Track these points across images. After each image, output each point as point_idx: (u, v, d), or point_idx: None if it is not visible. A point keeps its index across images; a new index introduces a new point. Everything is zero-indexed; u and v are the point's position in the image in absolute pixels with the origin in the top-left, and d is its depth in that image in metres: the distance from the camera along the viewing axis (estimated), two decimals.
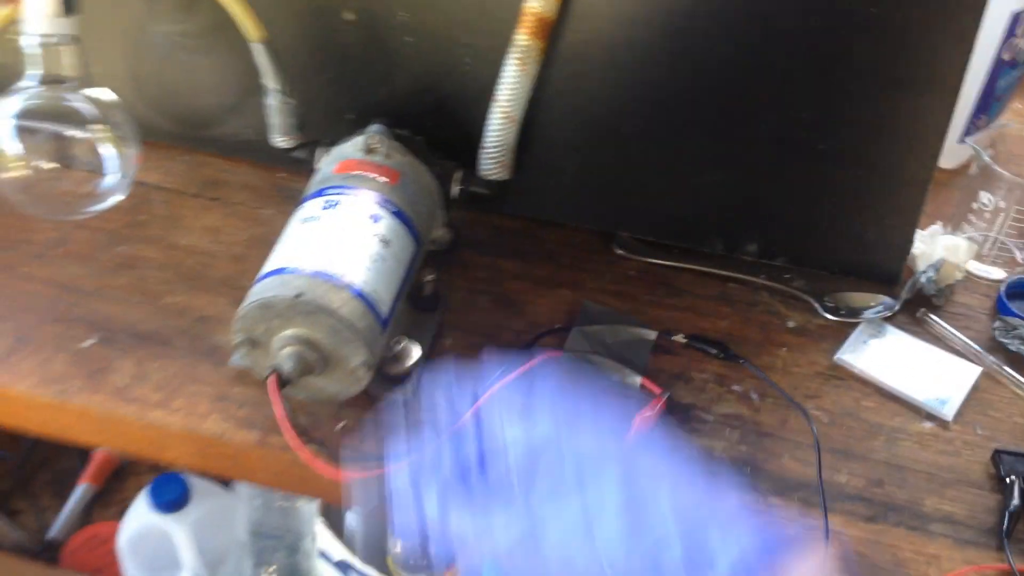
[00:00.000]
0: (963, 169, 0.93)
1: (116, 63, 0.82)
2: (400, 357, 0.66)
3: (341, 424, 0.65)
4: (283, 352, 0.61)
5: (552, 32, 0.69)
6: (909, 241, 0.79)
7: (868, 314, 0.77)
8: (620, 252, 0.82)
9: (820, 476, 0.65)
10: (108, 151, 0.75)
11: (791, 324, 0.77)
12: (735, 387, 0.72)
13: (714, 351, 0.73)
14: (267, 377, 0.61)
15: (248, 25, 0.70)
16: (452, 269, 0.78)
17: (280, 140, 0.76)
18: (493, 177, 0.75)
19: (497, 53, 0.75)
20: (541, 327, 0.75)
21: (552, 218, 0.84)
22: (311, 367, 0.61)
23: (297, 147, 0.76)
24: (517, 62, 0.69)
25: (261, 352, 0.63)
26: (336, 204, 0.65)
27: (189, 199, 0.82)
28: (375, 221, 0.65)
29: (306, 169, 0.77)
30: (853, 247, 0.80)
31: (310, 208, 0.66)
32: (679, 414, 0.69)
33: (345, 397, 0.64)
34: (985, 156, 0.77)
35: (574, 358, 0.72)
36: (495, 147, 0.73)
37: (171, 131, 0.86)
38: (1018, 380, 0.73)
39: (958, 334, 0.77)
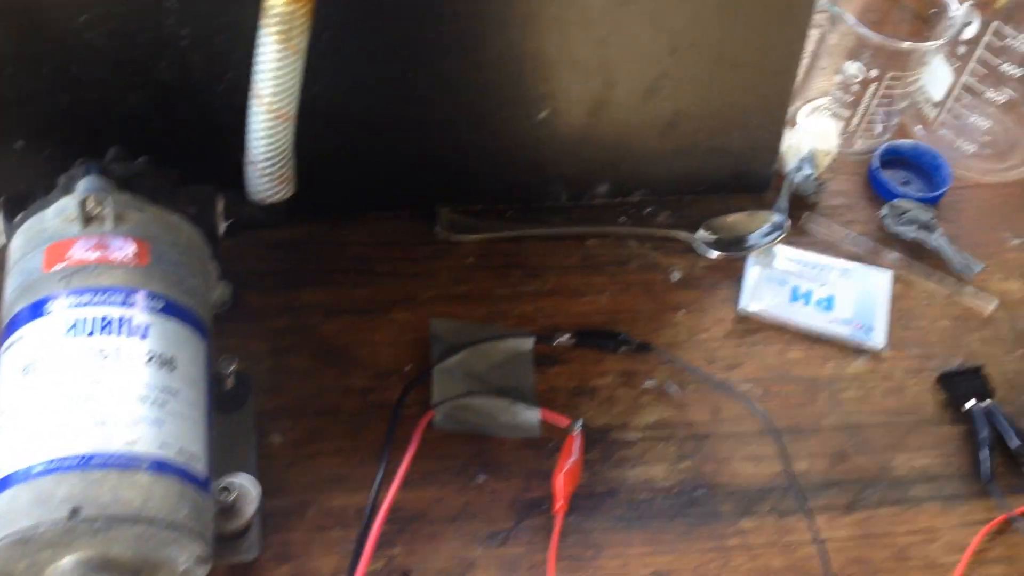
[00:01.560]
0: None
1: None
2: (235, 509, 0.49)
3: None
4: None
5: None
6: (777, 139, 0.70)
7: (756, 240, 0.68)
8: (447, 235, 0.66)
9: (791, 476, 0.57)
10: None
11: (676, 276, 0.67)
12: (647, 383, 0.61)
13: (611, 345, 0.62)
14: None
15: None
16: (238, 329, 0.59)
17: None
18: (272, 199, 0.56)
19: (228, 15, 0.54)
20: (387, 374, 0.59)
21: (344, 212, 0.66)
22: None
23: None
24: (278, 37, 0.49)
25: None
26: (72, 327, 0.45)
27: None
28: (143, 337, 0.46)
29: None
30: (717, 158, 0.70)
31: (32, 342, 0.45)
32: (599, 445, 0.58)
33: None
34: (850, 19, 0.67)
35: (449, 415, 0.57)
36: (268, 159, 0.54)
37: None
38: (929, 271, 0.68)
39: (850, 233, 0.70)
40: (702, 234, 0.68)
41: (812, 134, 0.71)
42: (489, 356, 0.60)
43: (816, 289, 0.66)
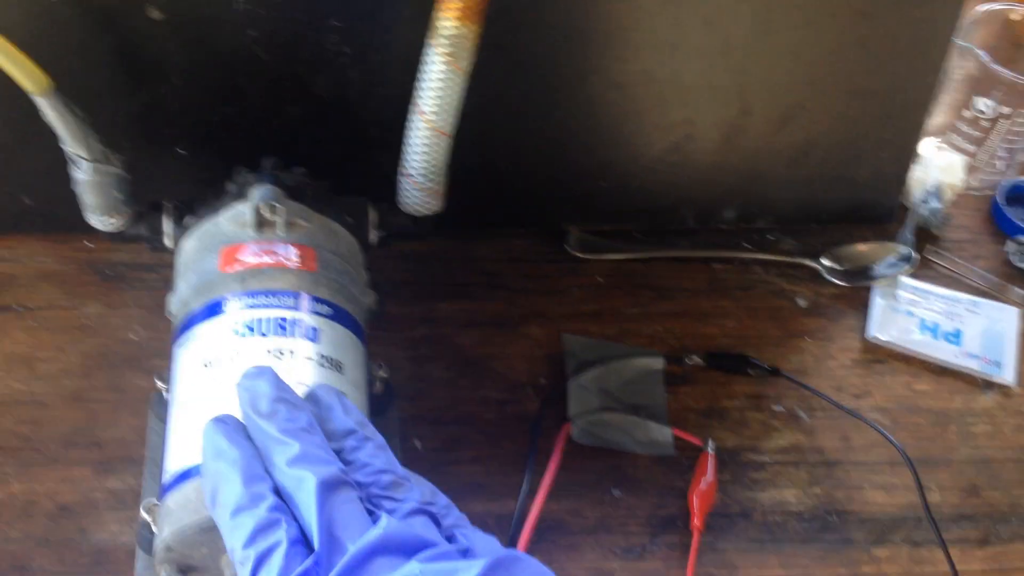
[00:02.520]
0: None
1: None
2: None
3: None
4: None
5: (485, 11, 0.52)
6: (906, 170, 0.70)
7: (883, 270, 0.68)
8: (577, 254, 0.68)
9: (927, 507, 0.57)
10: None
11: (802, 303, 0.67)
12: (776, 407, 0.62)
13: (742, 368, 0.62)
14: None
15: (23, 75, 0.47)
16: (379, 337, 0.61)
17: (103, 222, 0.55)
18: (424, 212, 0.58)
19: (388, 33, 0.57)
20: (522, 386, 0.61)
21: (475, 227, 0.68)
22: None
23: (130, 224, 0.55)
24: (446, 57, 0.51)
25: (199, 575, 0.45)
26: (248, 327, 0.47)
27: None
28: (313, 340, 0.47)
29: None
30: (843, 188, 0.70)
31: (211, 339, 0.47)
32: (730, 467, 0.59)
33: None
34: (983, 55, 0.68)
35: (585, 430, 0.58)
36: (424, 173, 0.55)
37: None
38: None
39: (975, 268, 0.70)
40: (828, 263, 0.69)
41: (939, 167, 0.71)
42: (621, 373, 0.61)
43: (943, 322, 0.66)
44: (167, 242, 0.55)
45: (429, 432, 0.58)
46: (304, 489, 0.37)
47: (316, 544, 0.36)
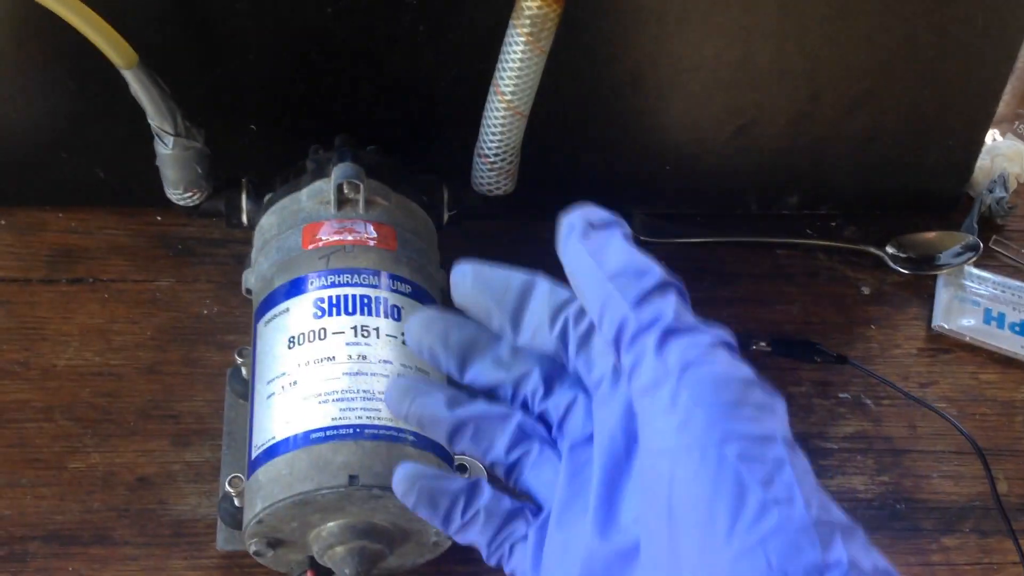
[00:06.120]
0: None
1: None
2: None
3: None
4: (337, 553, 0.44)
5: None
6: (973, 159, 0.70)
7: (948, 259, 0.68)
8: (640, 237, 0.68)
9: (997, 497, 0.57)
10: None
11: (866, 290, 0.67)
12: (842, 395, 0.62)
13: (808, 355, 0.62)
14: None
15: (112, 48, 0.48)
16: None
17: (182, 197, 0.55)
18: (496, 192, 0.58)
19: (463, 13, 0.57)
20: None
21: (537, 208, 0.68)
22: (378, 557, 0.45)
23: (207, 200, 0.56)
24: (527, 38, 0.51)
25: (287, 548, 0.46)
26: (334, 304, 0.47)
27: (40, 289, 0.60)
28: (396, 319, 0.48)
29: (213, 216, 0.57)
30: (908, 176, 0.70)
31: (295, 317, 0.47)
32: None
33: (412, 567, 0.49)
34: None
35: None
36: (499, 153, 0.56)
37: None
38: None
39: None
40: (892, 250, 0.69)
41: (1004, 156, 0.71)
42: None
43: (1009, 312, 0.66)
44: (243, 218, 0.56)
45: None
46: None
47: None
